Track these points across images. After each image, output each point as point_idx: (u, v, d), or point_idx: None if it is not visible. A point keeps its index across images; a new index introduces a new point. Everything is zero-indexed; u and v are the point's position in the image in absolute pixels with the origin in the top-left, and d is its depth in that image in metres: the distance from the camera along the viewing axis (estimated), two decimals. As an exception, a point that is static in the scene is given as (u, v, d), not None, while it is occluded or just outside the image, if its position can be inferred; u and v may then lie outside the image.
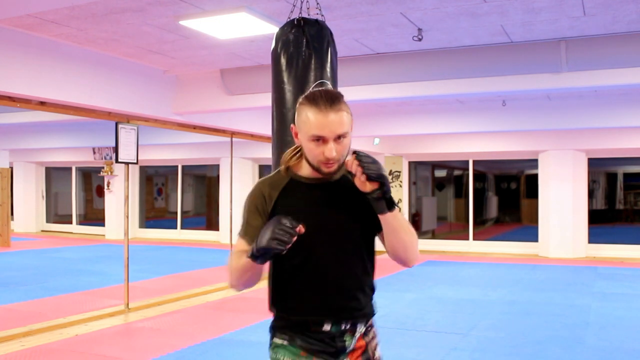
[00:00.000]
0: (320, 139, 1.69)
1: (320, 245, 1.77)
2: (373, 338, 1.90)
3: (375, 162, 1.66)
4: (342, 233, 1.80)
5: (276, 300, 1.84)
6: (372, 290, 1.89)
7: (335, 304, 1.79)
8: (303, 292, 1.79)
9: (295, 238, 1.61)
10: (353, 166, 1.65)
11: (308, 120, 1.69)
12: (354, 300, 1.81)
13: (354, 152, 1.67)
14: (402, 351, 4.88)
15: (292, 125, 1.82)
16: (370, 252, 1.87)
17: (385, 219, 1.74)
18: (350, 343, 1.82)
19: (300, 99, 1.76)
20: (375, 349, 1.89)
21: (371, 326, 1.90)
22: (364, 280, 1.84)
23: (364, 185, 1.66)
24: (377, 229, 1.81)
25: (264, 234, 1.61)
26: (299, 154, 1.84)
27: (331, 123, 1.67)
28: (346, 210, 1.79)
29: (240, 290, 1.82)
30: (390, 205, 1.72)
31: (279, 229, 1.59)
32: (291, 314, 1.81)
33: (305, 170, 1.81)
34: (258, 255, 1.63)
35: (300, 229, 1.61)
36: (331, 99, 1.70)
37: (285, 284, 1.82)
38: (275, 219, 1.63)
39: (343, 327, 1.79)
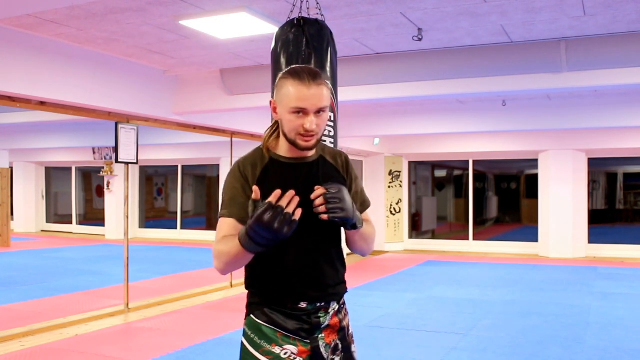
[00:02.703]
0: (301, 112, 1.72)
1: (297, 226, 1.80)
2: (345, 315, 1.96)
3: (341, 200, 1.69)
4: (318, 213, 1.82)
5: (253, 279, 1.87)
6: (343, 267, 1.95)
7: (310, 282, 1.83)
8: (279, 271, 1.82)
9: (295, 211, 1.58)
10: (317, 201, 1.69)
11: (289, 93, 1.72)
12: (328, 278, 1.87)
13: (325, 187, 1.70)
14: (402, 351, 4.88)
15: (270, 99, 1.86)
16: (340, 233, 1.93)
17: (348, 231, 1.83)
18: (325, 319, 1.87)
19: (281, 74, 1.79)
20: (348, 325, 1.96)
21: (343, 304, 1.96)
22: (336, 259, 1.91)
23: (323, 216, 1.72)
24: None
25: (267, 228, 1.56)
26: (277, 132, 1.86)
27: (313, 96, 1.71)
28: None
29: (228, 272, 1.82)
30: (354, 228, 1.80)
31: (277, 217, 1.55)
32: (268, 291, 1.84)
33: (283, 149, 1.84)
34: (269, 245, 1.62)
35: (293, 197, 1.58)
36: (313, 74, 1.74)
37: (262, 263, 1.82)
38: (264, 207, 1.57)
39: (318, 305, 1.84)
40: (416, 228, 13.35)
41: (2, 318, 6.01)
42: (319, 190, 1.70)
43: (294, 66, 1.81)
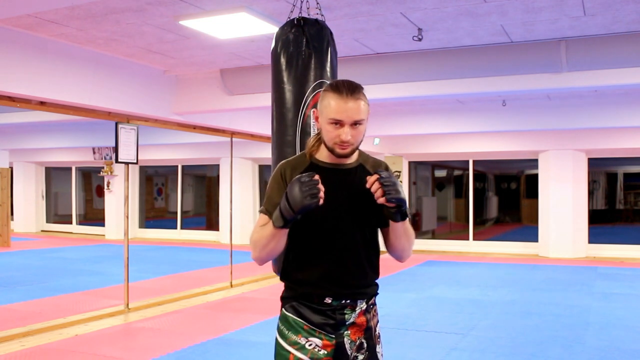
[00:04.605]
0: (338, 123, 1.86)
1: (328, 225, 1.92)
2: (374, 316, 2.05)
3: (394, 184, 1.81)
4: (351, 217, 1.94)
5: (286, 272, 2.00)
6: (375, 272, 2.03)
7: (336, 280, 1.93)
8: (308, 267, 1.94)
9: (321, 187, 1.76)
10: (374, 187, 1.80)
11: (329, 105, 1.87)
12: (354, 278, 1.96)
13: (377, 173, 1.82)
14: (402, 351, 4.88)
15: (314, 109, 1.99)
16: (375, 239, 2.02)
17: (395, 225, 1.92)
18: (350, 317, 1.96)
19: (325, 86, 1.95)
20: (376, 325, 2.05)
21: (373, 304, 2.06)
22: (366, 261, 1.99)
23: (381, 200, 1.81)
24: (382, 224, 1.98)
25: (293, 197, 1.75)
26: (319, 139, 1.99)
27: (349, 109, 1.85)
28: (357, 197, 1.92)
29: (264, 261, 1.94)
30: (404, 217, 1.89)
31: (305, 187, 1.75)
32: (297, 286, 1.96)
33: (323, 155, 1.97)
34: (291, 219, 1.79)
35: (317, 176, 1.78)
36: (352, 88, 1.87)
37: (294, 258, 1.97)
38: (294, 180, 1.78)
39: (343, 302, 1.93)
40: (416, 228, 13.34)
41: (2, 318, 6.01)
42: (373, 177, 1.81)
43: (337, 80, 1.95)
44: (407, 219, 1.93)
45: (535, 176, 12.02)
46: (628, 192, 13.66)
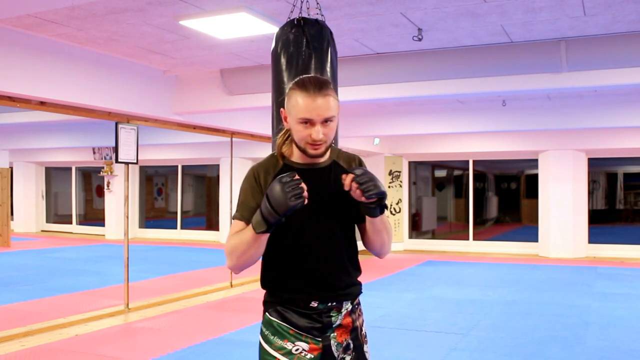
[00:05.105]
0: (308, 122, 1.78)
1: (308, 227, 1.86)
2: (359, 316, 2.00)
3: (372, 179, 1.74)
4: (330, 217, 1.89)
5: (268, 278, 1.94)
6: (357, 270, 1.98)
7: (321, 283, 1.88)
8: (292, 271, 1.88)
9: (304, 186, 1.69)
10: (352, 187, 1.75)
11: (297, 104, 1.78)
12: (339, 279, 1.91)
13: (351, 172, 1.76)
14: (402, 351, 4.88)
15: (281, 109, 1.90)
16: (354, 236, 1.97)
17: (373, 220, 1.85)
18: (337, 319, 1.91)
19: (291, 85, 1.85)
20: (362, 325, 2.00)
21: (357, 304, 2.00)
22: (348, 261, 1.94)
23: (362, 199, 1.76)
24: (359, 220, 1.92)
25: (276, 199, 1.68)
26: (289, 139, 1.92)
27: (319, 107, 1.77)
28: (334, 195, 1.87)
29: (240, 269, 1.88)
30: (382, 210, 1.83)
31: (287, 187, 1.68)
32: (281, 291, 1.91)
33: (295, 156, 1.91)
34: (274, 222, 1.72)
35: (297, 175, 1.71)
36: (319, 84, 1.79)
37: (276, 263, 1.91)
38: (275, 181, 1.71)
39: (329, 304, 1.89)
40: (416, 228, 13.35)
41: (2, 318, 6.02)
42: (348, 177, 1.75)
43: (302, 76, 1.86)
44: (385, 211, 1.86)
45: (535, 176, 12.02)
46: (628, 192, 13.65)
